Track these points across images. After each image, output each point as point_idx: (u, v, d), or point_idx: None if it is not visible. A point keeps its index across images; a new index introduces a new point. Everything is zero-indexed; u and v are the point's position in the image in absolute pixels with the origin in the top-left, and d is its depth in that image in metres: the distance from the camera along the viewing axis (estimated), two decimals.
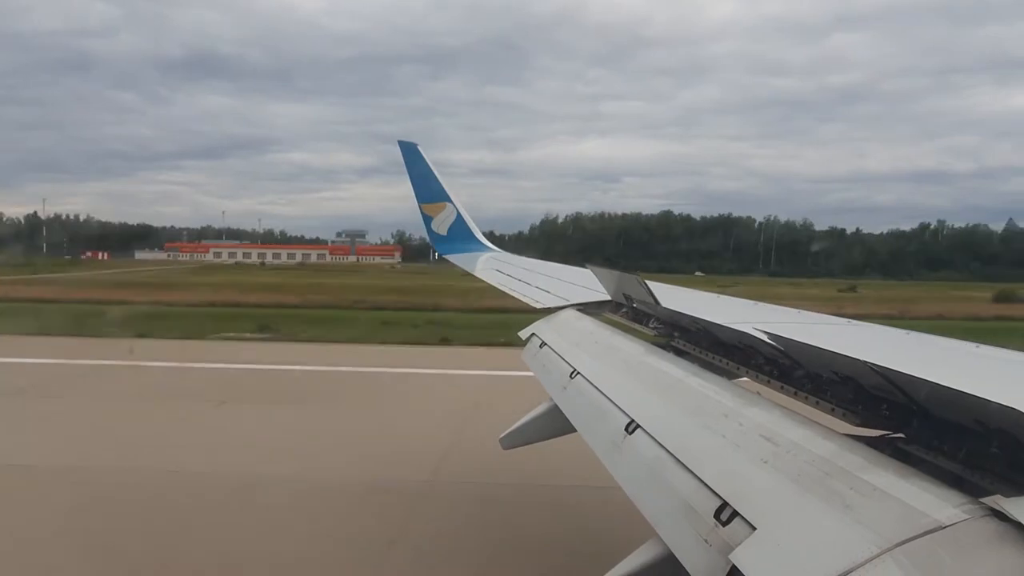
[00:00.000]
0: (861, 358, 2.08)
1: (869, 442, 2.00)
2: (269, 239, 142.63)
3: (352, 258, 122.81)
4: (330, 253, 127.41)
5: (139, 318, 23.21)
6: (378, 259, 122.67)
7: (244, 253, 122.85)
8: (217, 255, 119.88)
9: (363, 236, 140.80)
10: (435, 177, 12.23)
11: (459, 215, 12.34)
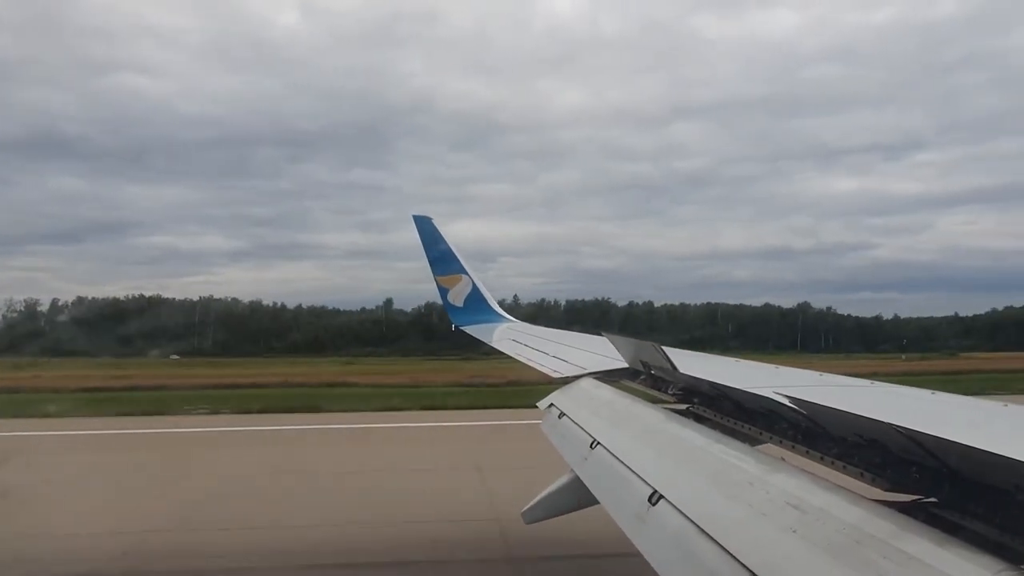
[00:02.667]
0: (887, 420, 2.04)
1: (900, 508, 1.94)
2: None
3: None
4: None
5: None
6: None
7: None
8: None
9: None
10: (450, 250, 12.41)
11: (475, 287, 12.44)
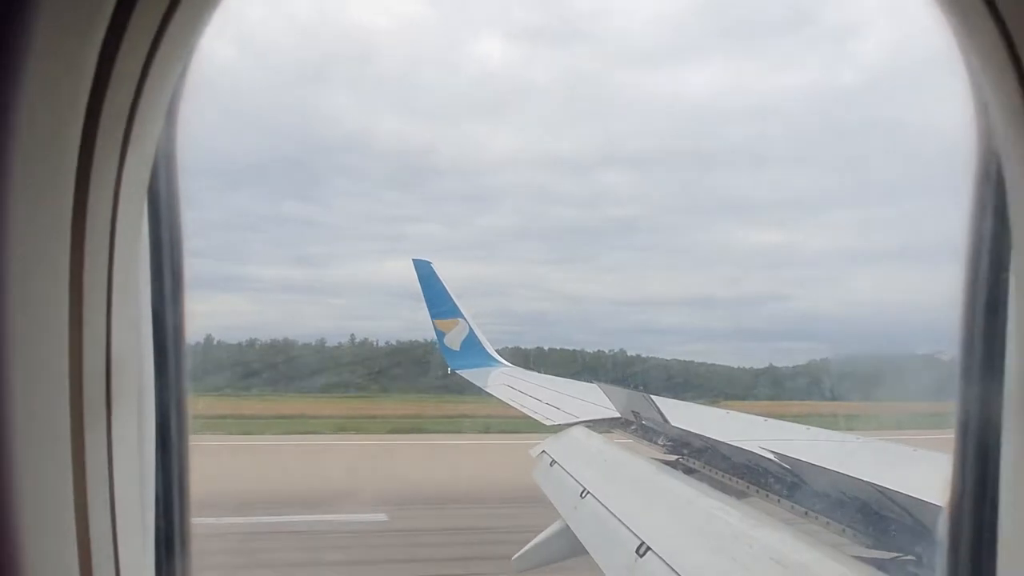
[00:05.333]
0: (868, 479, 2.09)
1: (880, 565, 1.98)
2: None
3: None
4: None
5: None
6: None
7: None
8: None
9: None
10: (448, 294, 12.49)
11: (471, 331, 12.47)
